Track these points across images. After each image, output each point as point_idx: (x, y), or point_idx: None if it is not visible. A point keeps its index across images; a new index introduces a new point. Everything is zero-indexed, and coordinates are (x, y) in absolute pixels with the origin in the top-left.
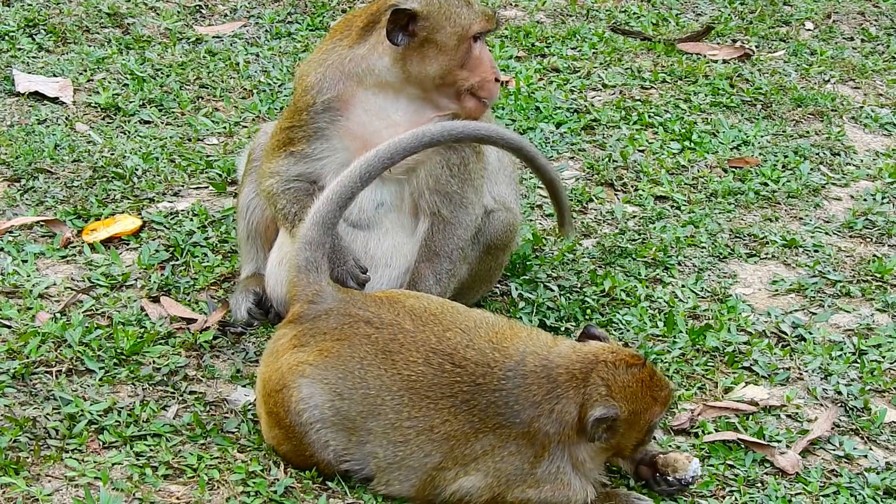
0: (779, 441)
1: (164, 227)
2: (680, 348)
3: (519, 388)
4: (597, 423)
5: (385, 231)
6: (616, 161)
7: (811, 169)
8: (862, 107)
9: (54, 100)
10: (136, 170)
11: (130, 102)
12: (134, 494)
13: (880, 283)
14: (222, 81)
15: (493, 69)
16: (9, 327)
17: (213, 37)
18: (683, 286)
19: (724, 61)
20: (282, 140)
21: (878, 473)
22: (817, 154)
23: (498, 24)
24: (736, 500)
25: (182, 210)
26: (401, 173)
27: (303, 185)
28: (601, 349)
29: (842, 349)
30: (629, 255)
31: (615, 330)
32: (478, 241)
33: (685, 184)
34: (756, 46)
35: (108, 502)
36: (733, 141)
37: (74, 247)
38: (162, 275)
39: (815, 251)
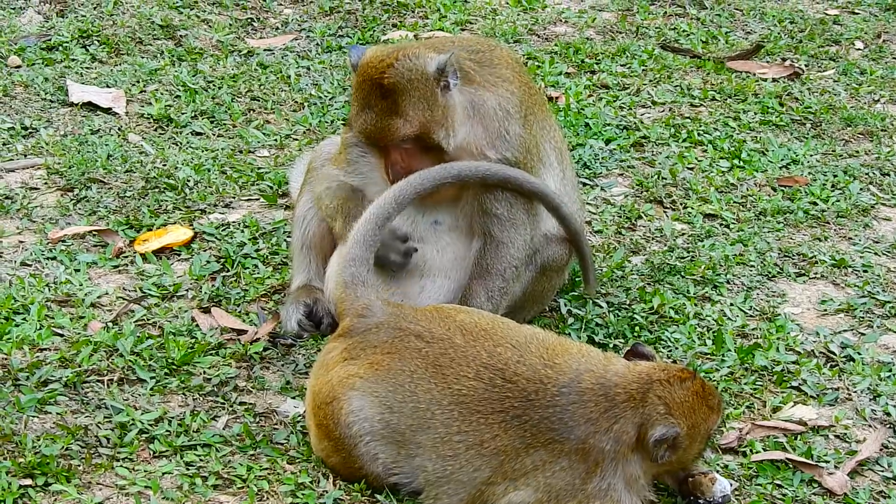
0: (827, 461)
1: (216, 238)
2: (728, 367)
3: (574, 404)
4: (658, 443)
5: (445, 245)
6: (665, 178)
7: (861, 189)
8: None
9: (107, 110)
10: (188, 181)
11: (182, 114)
12: None
13: None
14: (273, 94)
15: None
16: (61, 336)
17: (265, 49)
18: (732, 305)
19: (774, 80)
20: (338, 150)
21: None
22: (867, 174)
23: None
24: None
25: (233, 221)
26: (448, 199)
27: (347, 192)
28: (653, 368)
29: (891, 370)
30: (678, 272)
31: (664, 347)
32: (534, 262)
33: (734, 202)
34: (806, 65)
35: None
36: (782, 160)
37: (126, 257)
38: (213, 286)
39: (865, 271)
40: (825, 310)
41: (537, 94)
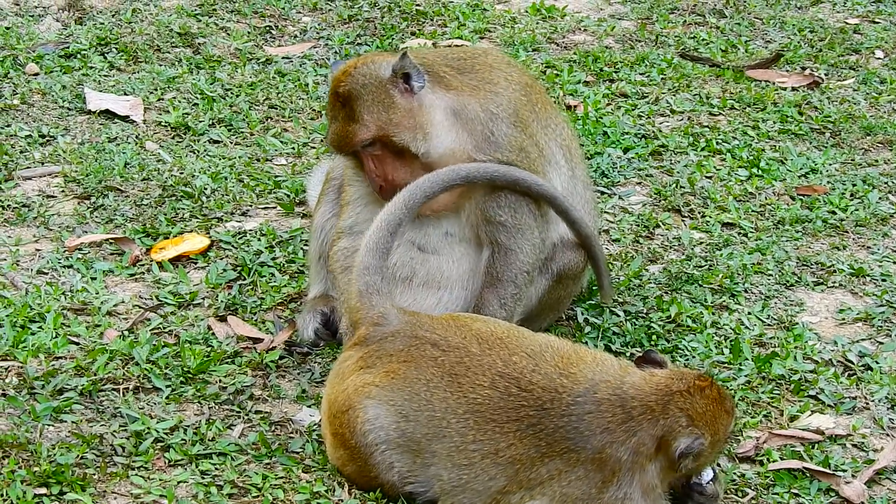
0: (844, 470)
1: (232, 246)
2: (746, 376)
3: (590, 414)
4: (684, 455)
5: (460, 255)
6: (683, 187)
7: (880, 198)
8: None
9: (125, 118)
10: (205, 189)
11: (200, 122)
12: None
13: None
14: (291, 102)
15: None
16: (77, 344)
17: (283, 57)
18: (750, 313)
19: (793, 89)
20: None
21: None
22: (886, 183)
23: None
24: None
25: (250, 230)
26: (452, 209)
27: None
28: (671, 378)
29: None
30: (696, 281)
31: (681, 356)
32: (550, 270)
33: (753, 211)
34: (825, 74)
35: None
36: (801, 169)
37: (143, 265)
38: (229, 294)
39: (883, 280)
40: (843, 319)
41: (538, 94)
